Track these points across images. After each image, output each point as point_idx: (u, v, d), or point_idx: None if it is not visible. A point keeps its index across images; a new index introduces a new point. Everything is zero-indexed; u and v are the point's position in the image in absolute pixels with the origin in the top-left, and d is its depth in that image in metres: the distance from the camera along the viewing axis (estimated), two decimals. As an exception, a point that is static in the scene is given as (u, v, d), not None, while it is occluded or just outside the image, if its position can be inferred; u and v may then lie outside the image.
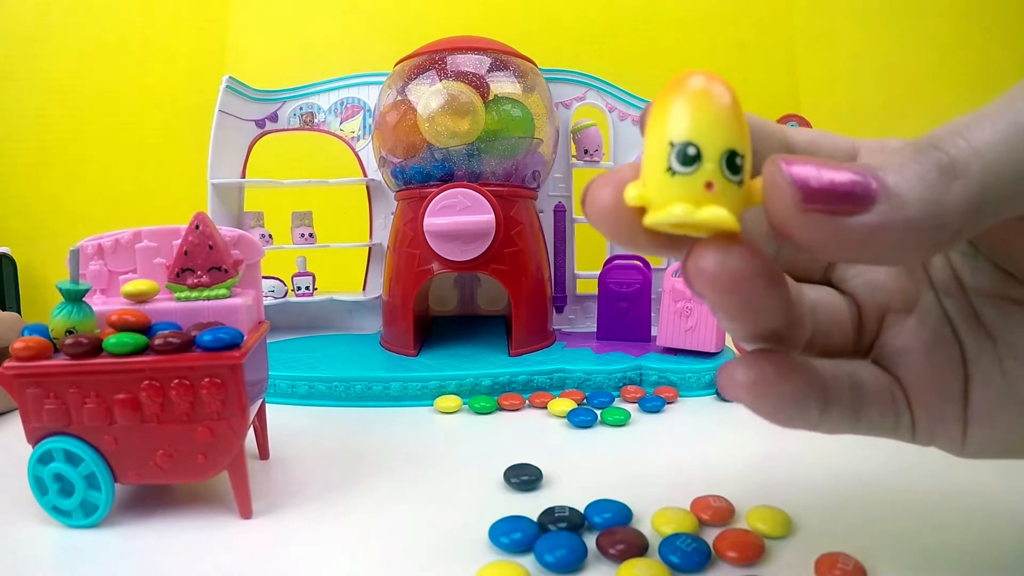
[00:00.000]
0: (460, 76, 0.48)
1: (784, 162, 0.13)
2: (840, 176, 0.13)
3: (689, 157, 0.12)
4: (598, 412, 0.38)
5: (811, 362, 0.16)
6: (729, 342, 0.52)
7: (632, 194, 0.14)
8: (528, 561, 0.22)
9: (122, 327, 0.25)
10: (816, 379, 0.16)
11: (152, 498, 0.27)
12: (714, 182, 0.12)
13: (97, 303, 0.27)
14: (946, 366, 0.17)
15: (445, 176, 0.48)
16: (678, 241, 0.14)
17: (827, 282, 0.19)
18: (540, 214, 0.55)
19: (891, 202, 0.12)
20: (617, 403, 0.41)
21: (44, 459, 0.25)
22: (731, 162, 0.13)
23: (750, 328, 0.15)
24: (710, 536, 0.23)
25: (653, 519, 0.24)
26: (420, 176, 0.49)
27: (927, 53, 0.75)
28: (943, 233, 0.13)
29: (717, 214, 0.12)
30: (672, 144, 0.13)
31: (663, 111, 0.13)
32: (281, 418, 0.38)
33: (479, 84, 0.48)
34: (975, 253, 0.17)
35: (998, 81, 0.14)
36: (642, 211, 0.14)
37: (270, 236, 0.59)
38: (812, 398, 0.16)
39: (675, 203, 0.13)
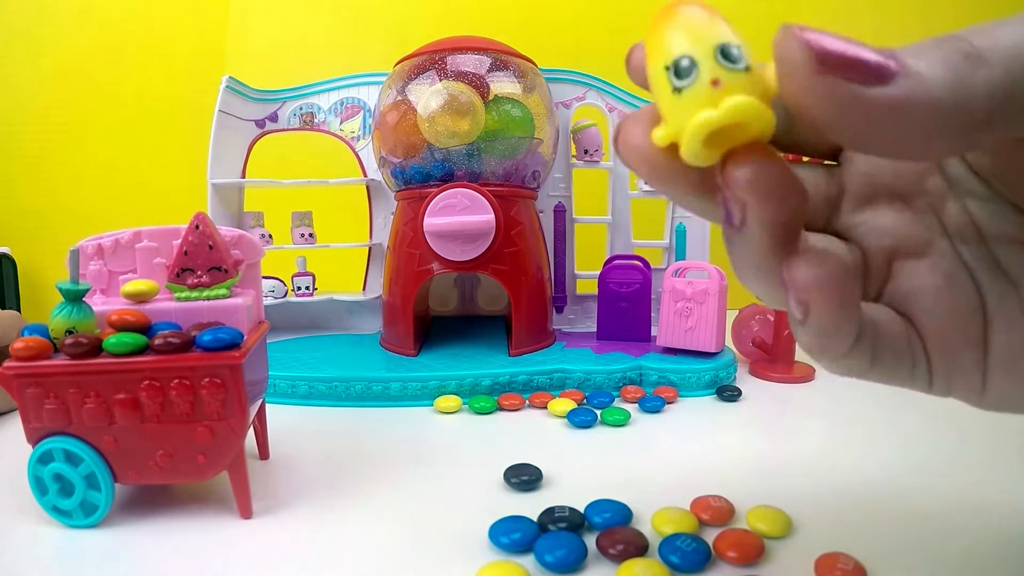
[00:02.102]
0: (460, 76, 0.48)
1: (796, 27, 0.12)
2: (857, 47, 0.12)
3: (684, 69, 0.12)
4: (598, 412, 0.38)
5: None
6: (729, 342, 0.52)
7: (659, 134, 0.14)
8: (528, 561, 0.22)
9: (122, 327, 0.25)
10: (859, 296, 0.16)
11: (152, 498, 0.27)
12: (718, 77, 0.12)
13: (97, 303, 0.27)
14: (964, 310, 0.16)
15: (445, 176, 0.48)
16: (714, 181, 0.14)
17: (831, 231, 0.18)
18: (540, 214, 0.55)
19: (913, 79, 0.12)
20: (617, 403, 0.41)
21: (44, 459, 0.25)
22: (726, 54, 0.12)
23: (781, 230, 0.14)
24: (710, 536, 0.23)
25: (653, 519, 0.24)
26: (420, 176, 0.49)
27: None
28: (968, 119, 0.12)
29: (740, 101, 0.12)
30: (668, 67, 0.13)
31: (651, 45, 0.13)
32: (281, 418, 0.38)
33: (479, 84, 0.48)
34: (995, 197, 0.16)
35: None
36: (674, 149, 0.13)
37: (270, 236, 0.59)
38: (857, 316, 0.15)
39: (694, 117, 0.12)
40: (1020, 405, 0.17)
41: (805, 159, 0.18)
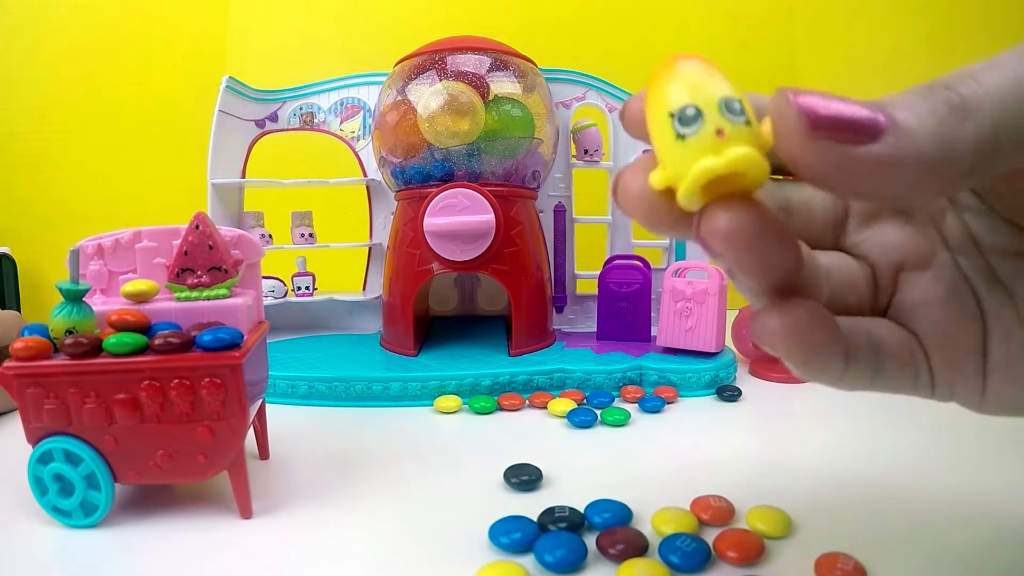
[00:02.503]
0: (460, 76, 0.48)
1: (791, 92, 0.13)
2: (849, 108, 0.13)
3: (690, 117, 0.13)
4: (598, 412, 0.38)
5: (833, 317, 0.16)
6: (729, 342, 0.52)
7: (656, 178, 0.14)
8: (528, 561, 0.22)
9: (122, 327, 0.25)
10: (840, 331, 0.16)
11: (152, 498, 0.27)
12: (723, 128, 0.13)
13: (97, 303, 0.27)
14: (964, 319, 0.17)
15: (445, 176, 0.48)
16: None
17: (839, 248, 0.19)
18: (540, 214, 0.55)
19: (901, 135, 0.12)
20: (617, 403, 0.41)
21: (44, 459, 0.25)
22: (730, 107, 0.13)
23: (770, 280, 0.15)
24: (710, 536, 0.23)
25: (653, 519, 0.24)
26: (420, 176, 0.49)
27: (927, 52, 0.75)
28: (954, 170, 0.12)
29: (742, 152, 0.13)
30: (672, 114, 0.13)
31: (654, 93, 0.14)
32: (281, 418, 0.38)
33: (479, 84, 0.48)
34: (990, 211, 0.17)
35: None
36: (671, 194, 0.14)
37: (270, 236, 0.59)
38: (839, 349, 0.16)
39: (697, 164, 0.13)
40: (1018, 410, 0.17)
41: None
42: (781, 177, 0.19)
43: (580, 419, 0.37)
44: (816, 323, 0.15)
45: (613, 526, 0.24)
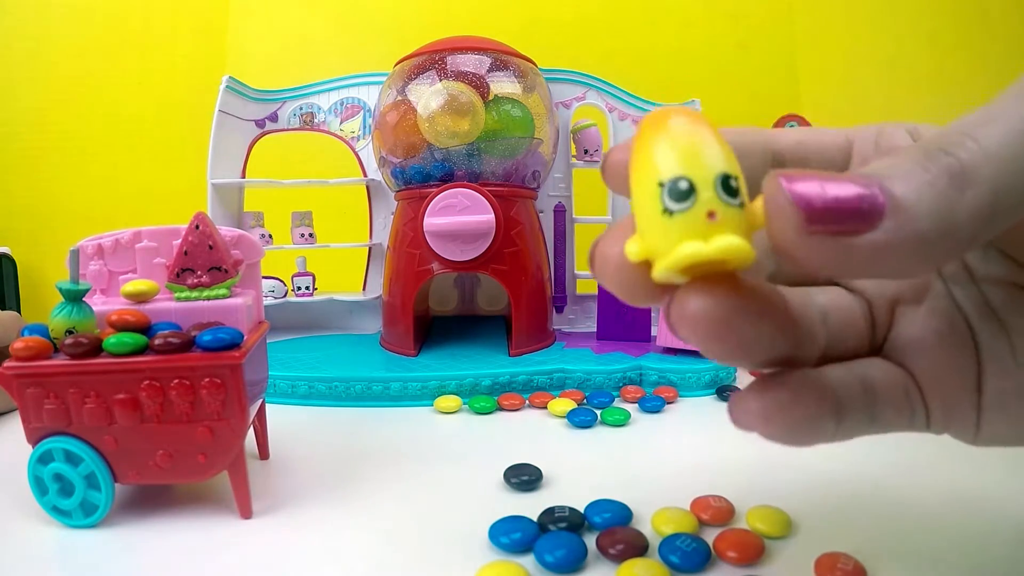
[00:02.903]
0: (460, 76, 0.48)
1: (785, 179, 0.12)
2: (845, 191, 0.12)
3: (683, 192, 0.12)
4: (598, 412, 0.38)
5: (823, 375, 0.16)
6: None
7: (633, 249, 0.13)
8: (528, 561, 0.22)
9: (122, 327, 0.25)
10: (828, 394, 0.16)
11: (152, 498, 0.27)
12: (716, 211, 0.12)
13: (97, 303, 0.27)
14: (959, 355, 0.17)
15: (445, 176, 0.48)
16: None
17: (834, 282, 0.19)
18: (540, 214, 0.55)
19: (899, 216, 0.12)
20: (617, 403, 0.41)
21: (44, 459, 0.25)
22: (726, 185, 0.12)
23: (750, 363, 0.15)
24: (710, 536, 0.23)
25: (653, 519, 0.24)
26: (420, 176, 0.49)
27: (927, 52, 0.75)
28: (955, 244, 0.12)
29: (731, 242, 0.11)
30: (662, 184, 0.12)
31: (643, 155, 0.12)
32: (281, 418, 0.38)
33: (479, 84, 0.48)
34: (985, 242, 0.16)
35: (998, 81, 0.14)
36: (648, 265, 0.13)
37: (270, 236, 0.59)
38: (826, 414, 0.16)
39: (681, 245, 0.12)
40: (1013, 441, 0.17)
41: None
42: None
43: (580, 419, 0.37)
44: (797, 399, 0.15)
45: (613, 526, 0.24)
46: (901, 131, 0.17)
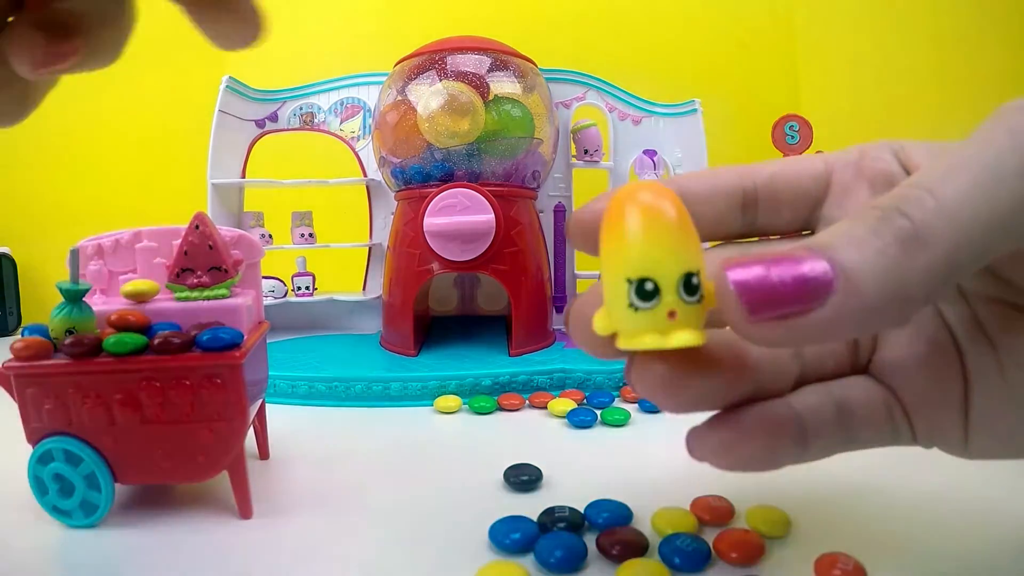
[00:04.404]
0: (460, 76, 0.48)
1: (730, 270, 0.12)
2: (790, 273, 0.12)
3: (648, 292, 0.13)
4: (598, 412, 0.38)
5: (786, 405, 0.16)
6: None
7: (600, 324, 0.14)
8: (528, 561, 0.22)
9: (122, 327, 0.25)
10: (786, 425, 0.16)
11: (152, 498, 0.27)
12: (676, 310, 0.13)
13: (97, 303, 0.27)
14: (945, 375, 0.17)
15: (445, 176, 0.48)
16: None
17: None
18: (540, 214, 0.55)
19: (846, 289, 0.12)
20: (617, 403, 0.41)
21: (44, 459, 0.25)
22: (688, 284, 0.13)
23: (707, 410, 0.16)
24: (710, 536, 0.23)
25: (653, 519, 0.24)
26: (420, 176, 0.49)
27: (927, 52, 0.75)
28: (907, 307, 0.12)
29: (686, 338, 0.13)
30: (629, 281, 0.13)
31: (612, 244, 0.14)
32: (281, 418, 0.38)
33: (479, 84, 0.48)
34: None
35: (998, 81, 0.14)
36: (615, 335, 0.14)
37: (270, 236, 0.59)
38: (784, 444, 0.16)
39: (643, 335, 0.13)
40: (1001, 455, 0.17)
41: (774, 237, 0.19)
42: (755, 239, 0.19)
43: (580, 419, 0.37)
44: (747, 435, 0.16)
45: (613, 526, 0.24)
46: (886, 152, 0.17)
